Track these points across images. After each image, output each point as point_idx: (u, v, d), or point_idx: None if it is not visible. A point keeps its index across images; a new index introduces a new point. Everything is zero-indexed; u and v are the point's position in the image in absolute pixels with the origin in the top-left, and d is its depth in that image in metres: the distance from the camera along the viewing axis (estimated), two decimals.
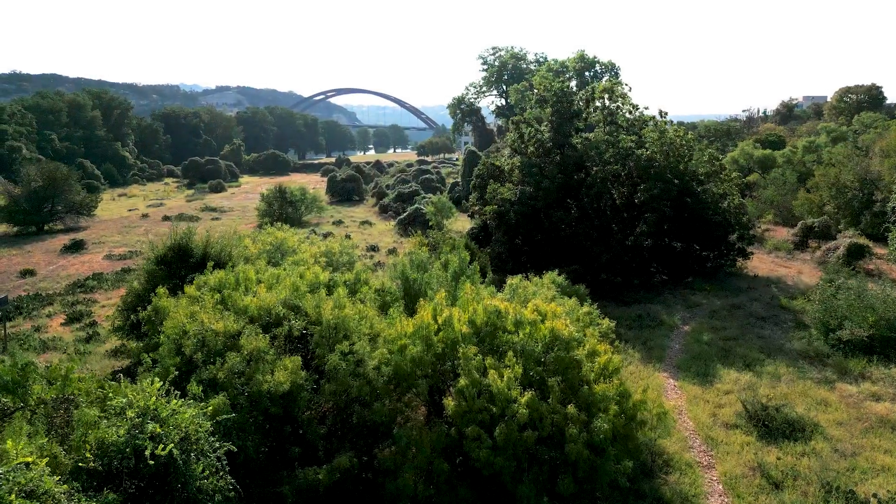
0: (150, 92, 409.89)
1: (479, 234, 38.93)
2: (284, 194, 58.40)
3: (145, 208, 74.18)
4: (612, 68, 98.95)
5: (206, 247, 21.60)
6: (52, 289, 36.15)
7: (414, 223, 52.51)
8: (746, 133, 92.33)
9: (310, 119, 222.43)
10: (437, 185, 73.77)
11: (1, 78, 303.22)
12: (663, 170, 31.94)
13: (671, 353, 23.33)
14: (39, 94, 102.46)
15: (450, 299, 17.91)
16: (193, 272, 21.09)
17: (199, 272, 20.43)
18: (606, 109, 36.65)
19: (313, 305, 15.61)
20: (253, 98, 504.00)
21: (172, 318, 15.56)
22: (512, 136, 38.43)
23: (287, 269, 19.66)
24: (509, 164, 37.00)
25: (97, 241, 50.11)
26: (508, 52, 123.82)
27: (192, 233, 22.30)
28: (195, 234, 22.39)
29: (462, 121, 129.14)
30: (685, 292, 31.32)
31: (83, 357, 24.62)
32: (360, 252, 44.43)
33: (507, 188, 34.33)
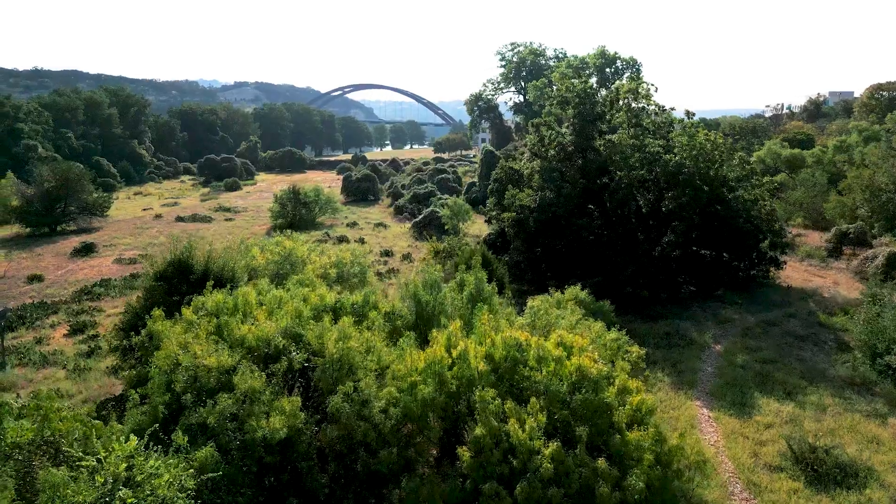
0: (170, 88, 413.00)
1: (497, 240, 37.45)
2: (298, 195, 57.29)
3: (159, 208, 73.59)
4: (633, 65, 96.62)
5: (207, 262, 20.36)
6: (58, 295, 35.30)
7: (429, 226, 51.12)
8: (773, 131, 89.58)
9: (327, 115, 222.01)
10: (453, 185, 72.24)
11: (23, 74, 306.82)
12: (692, 176, 30.18)
13: (703, 377, 21.71)
14: (56, 92, 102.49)
15: (465, 328, 16.50)
16: (194, 289, 19.91)
17: (200, 289, 19.25)
18: (631, 111, 34.88)
19: (316, 335, 14.29)
20: (271, 94, 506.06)
21: (165, 347, 14.35)
22: (531, 139, 36.86)
23: (291, 290, 18.37)
24: (528, 169, 35.44)
25: (108, 244, 49.37)
26: (527, 49, 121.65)
27: (194, 247, 21.03)
28: (197, 249, 21.12)
29: (479, 118, 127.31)
30: (715, 306, 29.59)
31: (82, 374, 23.61)
32: (374, 257, 43.16)
33: (527, 194, 32.78)
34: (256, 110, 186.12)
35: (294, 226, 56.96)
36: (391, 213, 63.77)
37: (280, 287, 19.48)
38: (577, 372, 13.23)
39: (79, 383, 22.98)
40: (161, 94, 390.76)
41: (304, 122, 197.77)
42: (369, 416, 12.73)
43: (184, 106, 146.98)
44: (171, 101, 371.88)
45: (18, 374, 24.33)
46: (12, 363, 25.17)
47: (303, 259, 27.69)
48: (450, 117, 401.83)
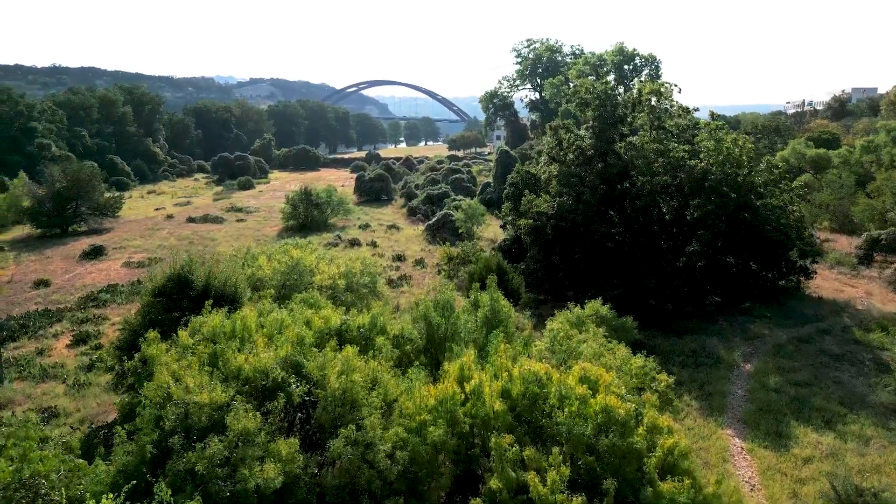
0: (186, 84, 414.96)
1: (512, 246, 36.18)
2: (310, 196, 56.35)
3: (172, 207, 73.07)
4: (652, 61, 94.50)
5: (208, 278, 19.31)
6: (63, 302, 34.60)
7: (443, 229, 49.94)
8: (797, 130, 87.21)
9: (341, 112, 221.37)
10: (467, 186, 70.95)
11: (41, 72, 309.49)
12: (719, 183, 28.72)
13: (734, 401, 20.36)
14: (71, 91, 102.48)
15: (480, 354, 15.31)
16: (195, 305, 18.90)
17: (200, 305, 18.21)
18: (653, 113, 33.41)
19: (318, 366, 13.18)
20: (286, 90, 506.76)
21: (157, 376, 13.30)
22: (549, 142, 35.49)
23: (294, 310, 17.28)
24: (546, 173, 34.11)
25: (118, 246, 48.75)
26: (543, 45, 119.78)
27: (194, 262, 19.99)
28: (198, 263, 20.08)
29: (494, 115, 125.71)
30: (743, 320, 28.14)
31: (81, 390, 22.76)
32: (386, 262, 42.05)
33: (544, 200, 31.47)
34: (271, 107, 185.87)
35: (306, 227, 56.15)
36: (404, 215, 62.66)
37: (283, 306, 18.42)
38: (602, 413, 11.99)
39: (77, 400, 22.13)
40: (177, 90, 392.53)
41: (318, 119, 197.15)
42: (374, 460, 11.60)
43: (198, 104, 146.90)
44: (188, 98, 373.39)
45: (17, 388, 23.54)
46: (11, 377, 24.40)
47: (310, 269, 26.66)
48: (464, 113, 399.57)
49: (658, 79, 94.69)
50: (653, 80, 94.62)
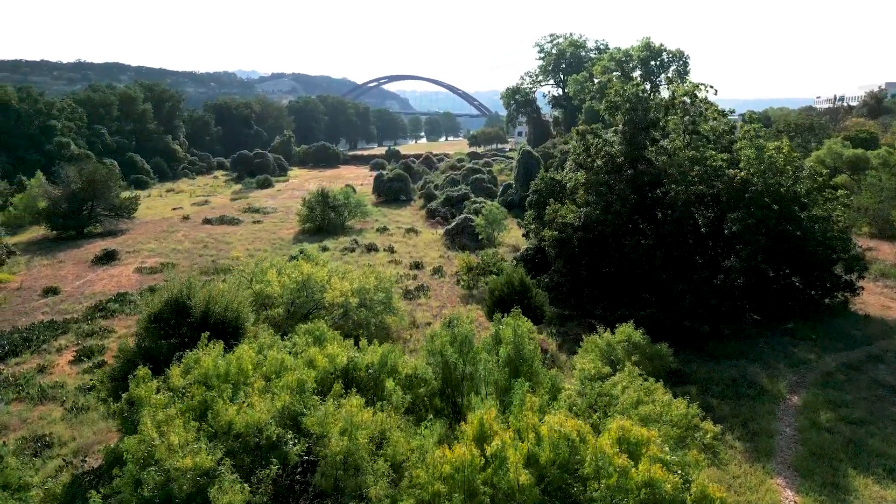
0: (209, 80, 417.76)
1: (535, 256, 34.36)
2: (327, 198, 55.00)
3: (189, 207, 72.34)
4: (680, 57, 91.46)
5: (208, 303, 17.89)
6: (71, 311, 33.60)
7: (462, 233, 48.26)
8: (832, 128, 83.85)
9: (361, 108, 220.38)
10: (488, 186, 69.12)
11: (66, 67, 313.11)
12: (760, 194, 26.63)
13: (782, 442, 18.43)
14: (91, 88, 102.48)
15: (502, 399, 13.65)
16: (194, 332, 17.53)
17: (199, 332, 16.83)
18: (687, 116, 31.34)
19: (318, 421, 11.63)
20: (307, 85, 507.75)
21: (142, 427, 11.89)
22: (575, 146, 33.58)
23: (298, 343, 15.77)
24: (572, 181, 32.23)
25: (131, 249, 47.84)
26: (567, 40, 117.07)
27: (193, 286, 18.56)
28: (196, 287, 18.65)
29: (516, 112, 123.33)
30: (786, 342, 26.06)
31: (79, 415, 21.53)
32: (403, 270, 40.48)
33: (570, 210, 29.61)
34: (291, 103, 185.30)
35: (323, 230, 54.87)
36: (423, 217, 61.07)
37: (288, 336, 16.94)
38: (646, 487, 10.27)
39: (74, 426, 20.89)
40: (200, 86, 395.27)
41: (338, 114, 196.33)
42: None
43: (218, 100, 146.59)
44: (210, 93, 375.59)
45: (13, 411, 22.40)
46: (9, 398, 23.30)
47: (322, 285, 25.20)
48: (485, 108, 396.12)
49: (686, 75, 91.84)
50: (680, 76, 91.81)
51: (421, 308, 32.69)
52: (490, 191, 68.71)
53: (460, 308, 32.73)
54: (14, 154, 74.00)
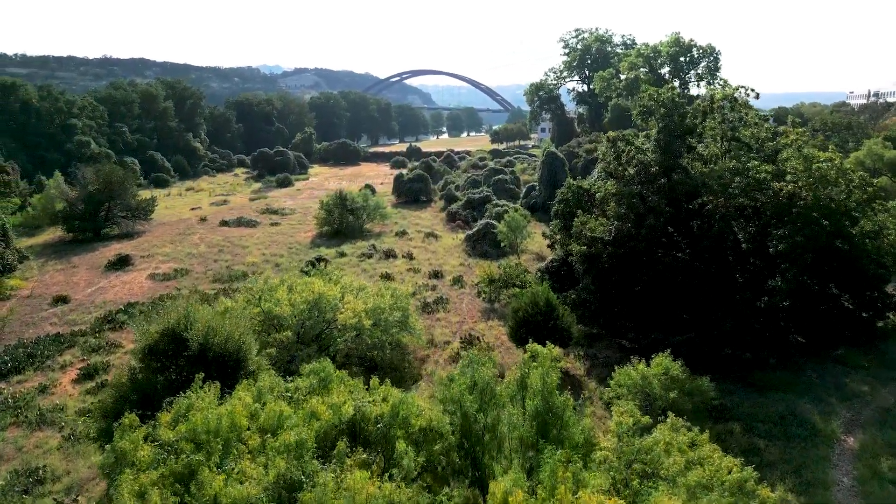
0: (232, 75, 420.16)
1: (561, 268, 32.52)
2: (345, 201, 53.57)
3: (208, 207, 71.54)
4: (710, 53, 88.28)
5: (206, 335, 16.42)
6: (80, 322, 32.61)
7: (483, 240, 46.50)
8: (871, 127, 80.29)
9: (383, 104, 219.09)
10: (510, 188, 67.12)
11: (93, 63, 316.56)
12: (808, 209, 24.48)
13: (840, 495, 16.50)
14: (113, 86, 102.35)
15: (528, 462, 11.96)
16: (192, 367, 16.12)
17: (197, 367, 15.42)
18: (726, 121, 29.22)
19: (316, 499, 10.06)
20: (330, 80, 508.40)
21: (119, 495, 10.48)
22: (604, 152, 31.63)
23: (301, 388, 14.23)
24: (601, 190, 30.29)
25: (146, 254, 46.91)
26: (593, 35, 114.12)
27: (191, 315, 17.10)
28: (195, 316, 17.19)
29: (540, 109, 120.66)
30: (836, 371, 23.97)
31: (76, 445, 20.32)
32: (422, 279, 38.86)
33: (600, 223, 27.71)
34: (313, 99, 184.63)
35: (340, 233, 53.48)
36: (443, 220, 59.36)
37: (291, 378, 15.42)
38: None
39: (69, 458, 19.66)
40: (224, 81, 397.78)
41: (360, 110, 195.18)
42: None
43: (240, 97, 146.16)
44: (234, 88, 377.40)
45: (9, 437, 21.28)
46: (6, 422, 22.21)
47: (334, 305, 23.69)
48: (508, 103, 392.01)
49: (717, 71, 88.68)
50: (711, 72, 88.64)
51: (440, 324, 31.06)
52: (512, 192, 66.74)
53: (481, 324, 31.03)
54: (34, 153, 73.82)
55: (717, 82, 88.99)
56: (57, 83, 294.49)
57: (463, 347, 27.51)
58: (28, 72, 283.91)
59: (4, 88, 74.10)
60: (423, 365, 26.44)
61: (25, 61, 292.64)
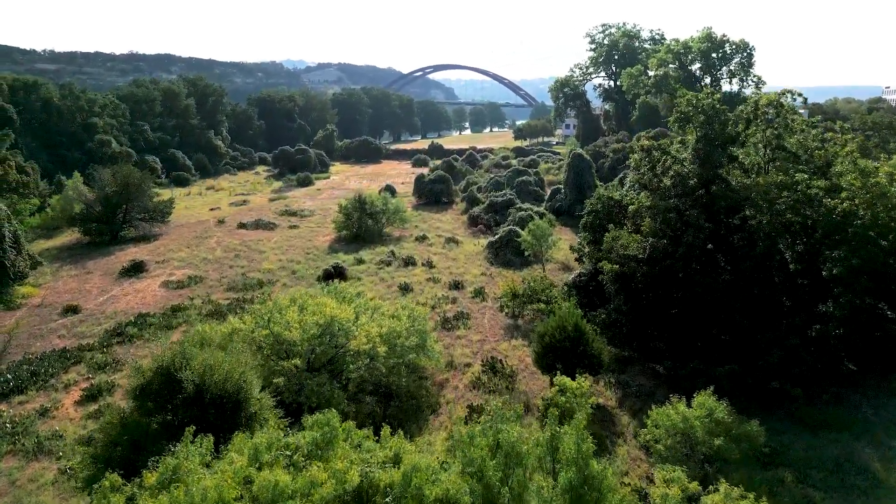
0: (256, 70, 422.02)
1: (589, 283, 30.62)
2: (364, 205, 52.13)
3: (227, 207, 70.76)
4: (744, 48, 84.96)
5: (203, 376, 14.96)
6: (89, 334, 31.60)
7: (506, 247, 44.70)
8: None
9: (405, 100, 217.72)
10: (534, 190, 65.05)
11: (119, 59, 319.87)
12: (865, 228, 22.31)
13: None
14: (135, 83, 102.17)
15: None
16: (186, 410, 14.70)
17: (193, 409, 13.99)
18: (771, 127, 27.06)
19: None
20: (353, 75, 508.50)
21: None
22: (637, 160, 29.65)
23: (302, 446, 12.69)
24: (634, 202, 28.33)
25: (161, 259, 45.95)
26: (620, 30, 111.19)
27: (187, 354, 15.64)
28: (193, 352, 15.73)
29: (565, 105, 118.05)
30: (894, 405, 21.81)
31: (71, 479, 19.10)
32: (441, 291, 37.19)
33: (633, 239, 25.78)
34: (335, 95, 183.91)
35: (359, 237, 52.09)
36: (464, 224, 57.63)
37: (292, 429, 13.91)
38: None
39: (62, 496, 18.41)
40: (248, 76, 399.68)
41: (382, 106, 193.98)
42: None
43: (262, 93, 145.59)
44: (257, 84, 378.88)
45: (4, 469, 20.16)
46: (3, 450, 21.11)
47: (347, 328, 22.16)
48: (531, 98, 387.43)
49: (750, 68, 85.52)
50: (744, 68, 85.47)
51: (460, 342, 29.42)
52: (537, 195, 64.72)
53: (503, 343, 29.31)
54: (55, 152, 73.62)
55: (750, 79, 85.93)
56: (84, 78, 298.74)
57: (484, 371, 25.85)
58: (56, 67, 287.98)
59: (26, 87, 73.95)
60: (441, 391, 24.85)
61: (54, 57, 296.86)
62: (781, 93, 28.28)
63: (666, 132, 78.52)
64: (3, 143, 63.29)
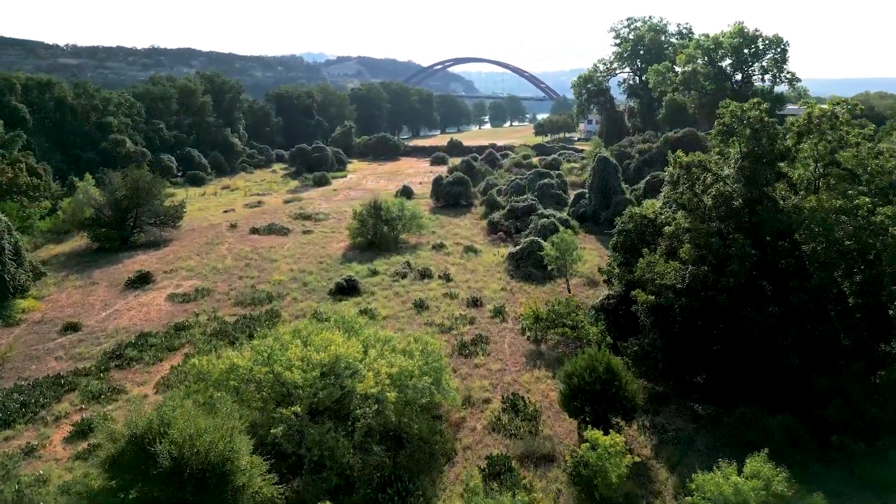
0: (276, 64, 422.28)
1: (619, 307, 28.21)
2: (379, 211, 50.09)
3: (241, 209, 69.24)
4: (777, 44, 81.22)
5: (182, 447, 13.00)
6: (87, 356, 30.02)
7: (528, 258, 42.39)
8: None
9: (425, 94, 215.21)
10: (557, 193, 62.48)
11: (140, 53, 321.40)
12: None
13: None
14: (151, 81, 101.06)
15: None
16: (162, 486, 12.73)
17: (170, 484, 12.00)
18: (825, 140, 24.41)
19: None
20: (373, 68, 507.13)
21: None
22: (673, 175, 27.13)
23: None
24: (668, 220, 25.88)
25: (169, 269, 44.36)
26: (646, 24, 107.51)
27: (165, 419, 13.69)
28: (170, 417, 13.77)
29: (588, 102, 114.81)
30: None
31: None
32: (459, 309, 35.02)
33: (671, 267, 23.38)
34: (354, 91, 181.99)
35: (374, 245, 50.13)
36: (483, 230, 55.30)
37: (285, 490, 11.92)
38: None
39: None
40: (267, 70, 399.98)
41: (401, 101, 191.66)
42: None
43: (280, 89, 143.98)
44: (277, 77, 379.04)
45: None
46: None
47: (354, 368, 20.14)
48: (552, 91, 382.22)
49: (784, 64, 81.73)
50: (777, 65, 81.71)
51: (478, 372, 27.26)
52: (559, 198, 62.21)
53: (525, 375, 27.08)
54: (69, 153, 72.58)
55: (783, 75, 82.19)
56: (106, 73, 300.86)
57: (505, 410, 23.69)
58: (78, 62, 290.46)
59: (40, 86, 72.95)
60: (457, 432, 22.73)
61: (76, 52, 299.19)
62: (836, 101, 25.59)
63: (695, 132, 75.58)
64: (15, 144, 62.30)
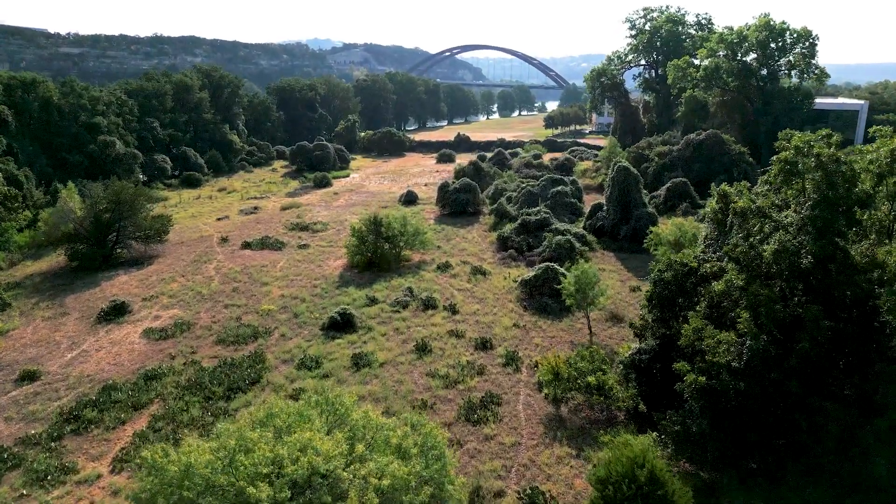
0: (281, 52, 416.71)
1: (652, 365, 24.13)
2: (379, 227, 45.99)
3: (236, 215, 65.44)
4: (806, 37, 75.95)
5: None
6: (41, 414, 26.26)
7: (543, 287, 38.25)
8: None
9: (431, 84, 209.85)
10: (571, 202, 58.12)
11: (143, 41, 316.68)
12: None
13: None
14: (145, 77, 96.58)
15: None
16: None
17: None
18: None
19: None
20: (379, 55, 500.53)
21: None
22: (715, 212, 22.88)
23: None
24: (714, 268, 21.67)
25: (148, 295, 40.50)
26: (663, 15, 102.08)
27: None
28: None
29: (602, 97, 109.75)
30: None
31: None
32: (466, 354, 31.00)
33: (724, 338, 19.24)
34: (359, 82, 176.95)
35: (374, 265, 46.12)
36: (492, 245, 51.07)
37: None
38: None
39: None
40: (272, 58, 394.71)
41: (407, 92, 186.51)
42: None
43: (281, 82, 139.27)
44: (282, 66, 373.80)
45: None
46: None
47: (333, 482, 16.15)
48: (561, 78, 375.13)
49: (812, 58, 76.67)
50: (805, 59, 76.69)
51: (488, 448, 23.23)
52: (574, 208, 57.90)
53: (545, 452, 23.02)
54: (55, 156, 68.64)
55: (812, 71, 77.18)
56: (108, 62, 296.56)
57: None
58: (80, 51, 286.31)
59: (24, 85, 68.90)
60: None
61: (78, 40, 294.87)
62: None
63: (718, 134, 70.79)
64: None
